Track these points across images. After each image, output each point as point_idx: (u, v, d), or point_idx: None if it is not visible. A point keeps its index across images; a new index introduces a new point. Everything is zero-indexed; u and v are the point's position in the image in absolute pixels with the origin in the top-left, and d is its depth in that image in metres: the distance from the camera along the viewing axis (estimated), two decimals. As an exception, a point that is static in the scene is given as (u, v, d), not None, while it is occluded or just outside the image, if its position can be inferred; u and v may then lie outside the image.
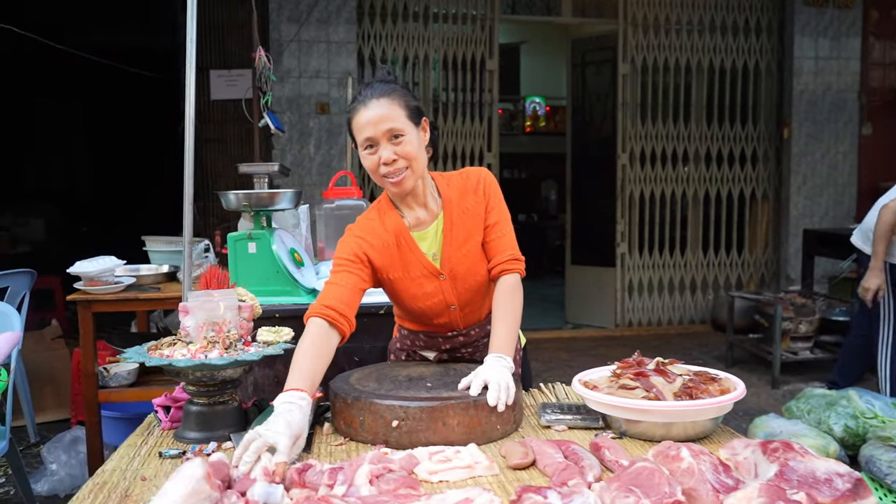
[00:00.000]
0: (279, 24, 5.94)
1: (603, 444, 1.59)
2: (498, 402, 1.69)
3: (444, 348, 2.08)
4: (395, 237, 1.91)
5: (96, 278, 2.95)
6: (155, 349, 1.79)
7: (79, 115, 9.54)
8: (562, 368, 5.55)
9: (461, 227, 1.93)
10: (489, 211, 1.95)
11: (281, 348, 1.79)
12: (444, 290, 1.95)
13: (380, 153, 1.79)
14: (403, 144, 1.79)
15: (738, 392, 1.71)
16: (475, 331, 2.07)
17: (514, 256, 1.95)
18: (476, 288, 1.98)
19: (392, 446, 1.67)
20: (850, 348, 4.51)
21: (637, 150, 6.85)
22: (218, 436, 1.73)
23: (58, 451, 3.23)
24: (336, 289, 1.82)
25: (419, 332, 2.08)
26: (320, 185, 5.94)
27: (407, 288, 1.95)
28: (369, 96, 1.79)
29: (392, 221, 1.92)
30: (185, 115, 1.98)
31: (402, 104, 1.80)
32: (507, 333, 1.88)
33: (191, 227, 2.03)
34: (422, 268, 1.93)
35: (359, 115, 1.79)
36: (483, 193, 1.95)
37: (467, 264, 1.94)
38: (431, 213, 1.94)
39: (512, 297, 1.92)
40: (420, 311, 1.99)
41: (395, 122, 1.78)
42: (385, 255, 1.91)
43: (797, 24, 6.79)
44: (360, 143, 1.82)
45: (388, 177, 1.81)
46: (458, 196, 1.95)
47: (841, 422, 3.56)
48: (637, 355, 1.92)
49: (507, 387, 1.72)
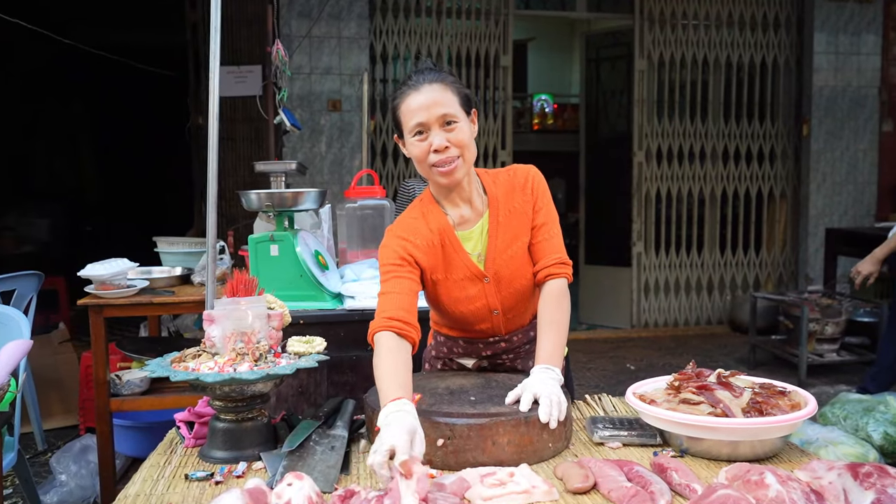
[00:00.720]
0: (290, 19, 5.81)
1: (668, 465, 1.46)
2: (550, 418, 1.57)
3: (485, 355, 1.95)
4: (439, 236, 1.80)
5: (108, 282, 2.83)
6: (179, 361, 1.66)
7: (87, 113, 9.41)
8: (580, 371, 5.42)
9: (507, 227, 1.82)
10: (537, 210, 1.83)
11: (314, 360, 1.67)
12: (487, 293, 1.83)
13: (431, 139, 1.69)
14: (456, 132, 1.69)
15: (810, 408, 1.58)
16: (518, 337, 1.94)
17: (562, 260, 1.84)
18: (521, 292, 1.86)
19: (437, 467, 1.55)
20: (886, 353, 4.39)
21: (653, 148, 6.72)
22: (247, 455, 1.61)
23: (67, 460, 3.11)
24: (393, 297, 1.71)
25: (458, 338, 1.95)
26: (332, 184, 5.82)
27: (449, 291, 1.83)
28: (421, 81, 1.70)
29: (436, 219, 1.81)
30: (208, 111, 1.86)
31: (454, 91, 1.71)
32: (556, 343, 1.76)
33: (215, 228, 1.90)
34: (465, 269, 1.81)
35: (409, 98, 1.70)
36: (531, 192, 1.83)
37: (513, 267, 1.82)
38: (476, 211, 1.82)
39: (559, 304, 1.81)
40: (461, 316, 1.86)
41: (449, 107, 1.69)
42: (430, 255, 1.79)
43: (816, 19, 6.65)
44: (408, 129, 1.71)
45: (438, 166, 1.70)
46: (504, 194, 1.83)
47: (880, 428, 3.43)
48: (693, 366, 1.79)
49: (558, 402, 1.60)
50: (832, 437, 3.39)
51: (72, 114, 9.21)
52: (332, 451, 1.59)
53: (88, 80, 8.27)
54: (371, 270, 2.55)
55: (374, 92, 6.19)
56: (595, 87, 7.15)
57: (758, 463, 1.55)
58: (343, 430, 1.68)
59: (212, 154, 1.83)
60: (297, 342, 1.73)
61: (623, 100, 6.85)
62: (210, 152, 1.83)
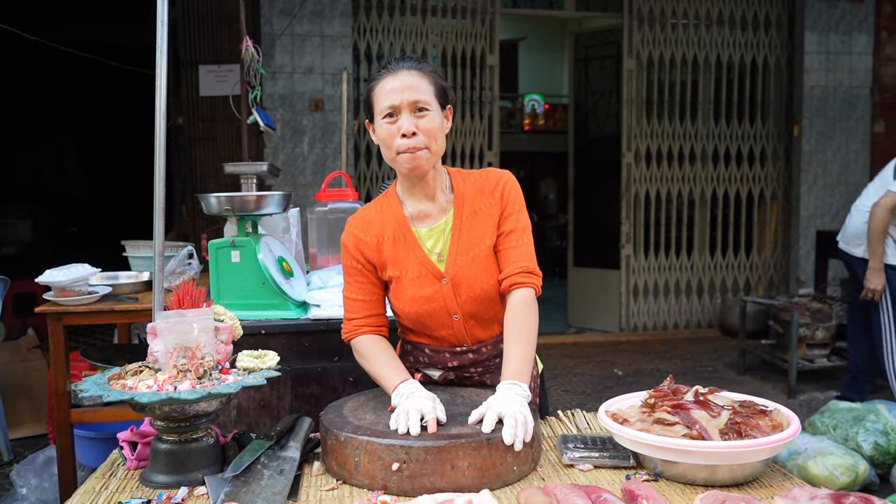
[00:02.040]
0: (271, 17, 5.69)
1: (638, 492, 1.35)
2: (515, 439, 1.46)
3: (452, 365, 1.84)
4: (392, 231, 1.76)
5: (68, 288, 2.71)
6: (117, 378, 1.55)
7: (67, 113, 9.27)
8: (566, 376, 5.32)
9: (471, 227, 1.74)
10: (506, 217, 1.75)
11: (263, 377, 1.55)
12: (445, 295, 1.74)
13: (400, 123, 1.65)
14: (427, 120, 1.65)
15: (792, 429, 1.48)
16: (486, 348, 1.82)
17: (528, 269, 1.74)
18: (482, 298, 1.75)
19: (392, 492, 1.44)
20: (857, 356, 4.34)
21: (642, 149, 6.62)
22: (190, 479, 1.50)
23: (28, 474, 2.99)
24: (357, 304, 1.80)
25: (424, 345, 1.85)
26: (314, 186, 5.70)
27: (405, 289, 1.75)
28: (400, 66, 1.68)
29: (392, 213, 1.77)
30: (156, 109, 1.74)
31: (431, 80, 1.69)
32: (522, 357, 1.66)
33: (161, 235, 1.79)
34: (421, 266, 1.74)
35: (384, 82, 1.67)
36: (500, 196, 1.76)
37: (475, 270, 1.73)
38: (439, 207, 1.76)
39: (525, 316, 1.71)
40: (418, 317, 1.77)
41: (423, 94, 1.66)
42: (379, 251, 1.76)
43: (807, 19, 6.57)
44: (379, 111, 1.68)
45: (403, 151, 1.65)
46: (472, 194, 1.77)
47: (870, 438, 3.34)
48: (670, 382, 1.68)
49: (524, 422, 1.50)
50: (821, 447, 3.30)
51: (52, 114, 9.08)
52: (280, 476, 1.48)
53: (67, 79, 8.14)
54: (339, 277, 2.43)
55: (358, 92, 6.08)
56: (584, 88, 7.05)
57: (736, 488, 1.45)
58: (295, 451, 1.57)
59: (159, 156, 1.72)
60: (248, 357, 1.62)
61: (612, 100, 6.76)
62: (157, 154, 1.72)
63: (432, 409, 1.51)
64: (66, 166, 9.78)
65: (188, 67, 5.83)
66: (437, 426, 1.50)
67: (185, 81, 5.83)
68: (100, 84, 7.78)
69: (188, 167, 5.94)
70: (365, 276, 1.78)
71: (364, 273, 1.78)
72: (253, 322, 2.20)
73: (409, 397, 1.56)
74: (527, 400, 1.58)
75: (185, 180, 5.97)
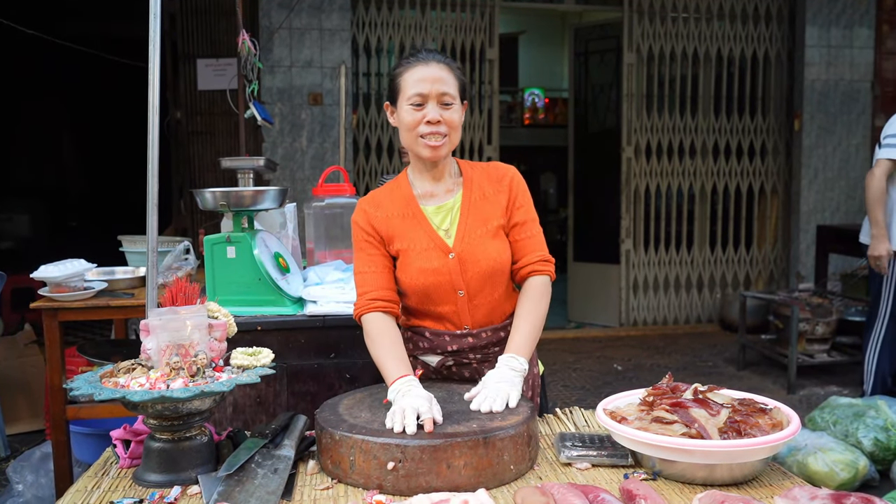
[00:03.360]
0: (269, 10, 5.66)
1: (636, 492, 1.34)
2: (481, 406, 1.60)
3: (451, 349, 1.85)
4: (400, 207, 1.83)
5: (63, 284, 2.69)
6: (109, 376, 1.53)
7: (63, 108, 9.24)
8: (566, 371, 5.31)
9: (479, 208, 1.83)
10: (517, 208, 1.84)
11: (257, 374, 1.54)
12: (451, 270, 1.79)
13: (426, 111, 1.74)
14: (451, 112, 1.76)
15: (792, 427, 1.46)
16: (486, 334, 1.85)
17: (544, 258, 1.85)
18: (487, 275, 1.80)
19: (387, 492, 1.43)
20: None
21: (643, 143, 6.59)
22: (183, 478, 1.49)
23: (24, 470, 2.97)
24: (370, 276, 1.82)
25: (424, 329, 1.87)
26: (313, 180, 5.67)
27: (413, 261, 1.80)
28: (430, 57, 1.77)
29: (401, 192, 1.86)
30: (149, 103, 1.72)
31: (456, 76, 1.79)
32: (528, 335, 1.76)
33: (155, 230, 1.77)
34: (429, 240, 1.80)
35: (415, 69, 1.75)
36: (508, 187, 1.85)
37: (482, 247, 1.80)
38: (447, 188, 1.85)
39: (539, 299, 1.82)
40: (424, 289, 1.81)
41: (449, 87, 1.76)
42: (388, 224, 1.82)
43: (808, 12, 6.52)
44: (406, 96, 1.75)
45: (426, 137, 1.75)
46: (479, 178, 1.86)
47: (870, 434, 3.32)
48: (669, 379, 1.67)
49: (502, 398, 1.61)
50: (821, 443, 3.29)
51: (50, 108, 9.04)
52: (274, 475, 1.47)
53: (66, 73, 8.10)
54: (336, 273, 2.42)
55: (357, 86, 6.05)
56: (584, 82, 7.01)
57: (735, 488, 1.43)
58: (289, 450, 1.56)
59: (152, 152, 1.70)
60: (242, 354, 1.60)
61: (612, 94, 6.72)
62: (150, 150, 1.70)
63: (429, 409, 1.51)
64: (65, 161, 9.75)
65: (186, 61, 5.79)
66: (433, 426, 1.49)
67: (182, 75, 5.80)
68: (98, 78, 7.74)
69: (186, 161, 5.92)
70: (375, 247, 1.83)
71: (374, 245, 1.83)
72: (249, 318, 2.19)
73: (405, 395, 1.56)
74: (522, 374, 1.70)
75: (183, 175, 5.94)
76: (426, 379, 1.87)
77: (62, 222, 9.08)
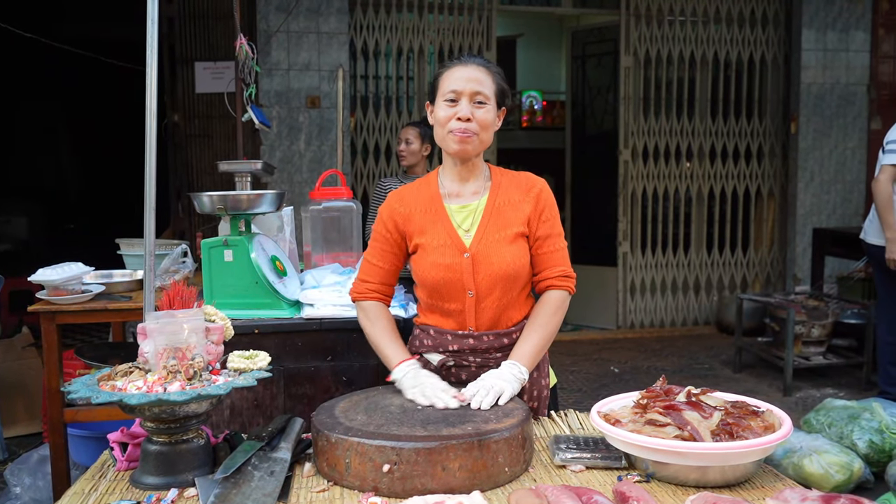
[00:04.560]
0: (267, 14, 5.67)
1: (629, 494, 1.35)
2: (472, 399, 1.64)
3: (452, 349, 1.88)
4: (424, 203, 1.88)
5: (61, 287, 2.70)
6: (107, 379, 1.54)
7: (62, 110, 9.24)
8: (563, 374, 5.32)
9: (502, 213, 1.86)
10: (543, 221, 1.87)
11: (254, 377, 1.55)
12: (463, 269, 1.82)
13: (459, 107, 1.79)
14: (483, 112, 1.80)
15: (784, 430, 1.47)
16: (489, 338, 1.86)
17: (565, 273, 1.88)
18: (499, 278, 1.82)
19: (383, 494, 1.44)
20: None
21: (640, 146, 6.61)
22: (180, 481, 1.50)
23: (21, 473, 2.98)
24: (374, 269, 1.92)
25: (430, 327, 1.91)
26: (311, 183, 5.69)
27: (428, 254, 1.85)
28: (470, 60, 1.83)
29: (427, 190, 1.91)
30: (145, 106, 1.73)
31: (495, 80, 1.83)
32: (536, 345, 1.81)
33: (152, 234, 1.78)
34: (446, 237, 1.84)
35: (454, 69, 1.82)
36: (535, 198, 1.88)
37: (497, 250, 1.82)
38: (474, 190, 1.89)
39: (553, 314, 1.85)
40: (434, 283, 1.85)
41: (485, 88, 1.80)
42: (410, 220, 1.88)
43: (805, 16, 6.55)
44: (442, 93, 1.81)
45: (455, 132, 1.79)
46: (507, 185, 1.89)
47: (865, 436, 3.34)
48: (663, 382, 1.68)
49: (496, 392, 1.66)
50: (816, 445, 3.30)
51: (48, 111, 9.05)
52: (270, 477, 1.48)
53: (64, 76, 8.11)
54: (333, 276, 2.43)
55: (356, 88, 6.06)
56: (581, 85, 7.04)
57: (728, 490, 1.44)
58: (286, 452, 1.56)
59: (149, 155, 1.71)
60: (239, 357, 1.61)
61: (609, 97, 6.74)
62: (147, 153, 1.71)
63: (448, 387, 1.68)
64: (64, 163, 9.75)
65: (184, 64, 5.80)
66: (428, 426, 1.51)
67: (181, 78, 5.81)
68: (97, 80, 7.75)
69: (184, 164, 5.92)
70: (389, 245, 1.89)
71: (389, 242, 1.89)
72: (246, 322, 2.20)
73: (416, 376, 1.73)
74: (519, 381, 1.73)
75: (181, 178, 5.95)
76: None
77: (60, 225, 9.08)
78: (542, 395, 1.90)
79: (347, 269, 2.55)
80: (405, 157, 4.07)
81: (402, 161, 4.13)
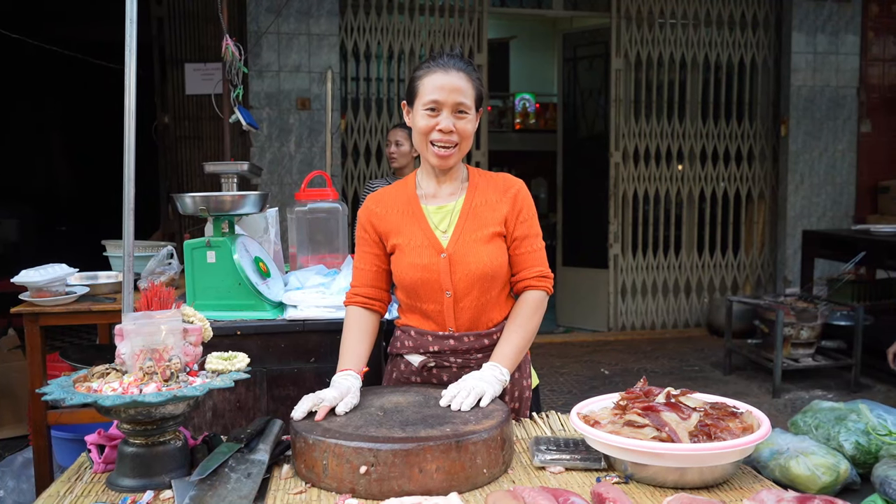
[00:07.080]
0: (257, 15, 5.67)
1: (606, 495, 1.35)
2: (451, 401, 1.63)
3: (432, 350, 1.87)
4: (402, 204, 1.87)
5: (45, 288, 2.69)
6: (83, 381, 1.53)
7: (52, 112, 9.21)
8: (553, 376, 5.32)
9: (479, 213, 1.85)
10: (520, 221, 1.85)
11: (231, 379, 1.54)
12: (440, 270, 1.81)
13: (440, 119, 1.77)
14: (464, 122, 1.78)
15: (762, 431, 1.47)
16: (469, 338, 1.85)
17: (542, 273, 1.86)
18: (476, 278, 1.80)
19: (360, 496, 1.43)
20: None
21: (630, 148, 6.62)
22: (156, 483, 1.48)
23: (5, 476, 2.96)
24: (358, 272, 1.91)
25: (411, 328, 1.90)
26: (301, 185, 5.67)
27: (406, 255, 1.84)
28: (451, 64, 1.78)
29: (405, 191, 1.90)
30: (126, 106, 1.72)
31: (474, 86, 1.80)
32: (515, 346, 1.79)
33: (131, 235, 1.77)
34: (424, 238, 1.83)
35: (434, 75, 1.77)
36: (513, 198, 1.86)
37: (474, 251, 1.81)
38: (451, 192, 1.88)
39: (532, 314, 1.84)
40: (412, 284, 1.84)
41: (466, 98, 1.78)
42: (386, 220, 1.87)
43: (795, 19, 6.58)
44: (422, 101, 1.78)
45: (436, 144, 1.78)
46: (484, 185, 1.88)
47: (852, 438, 3.34)
48: (643, 384, 1.68)
49: (476, 395, 1.63)
50: (803, 447, 3.30)
51: (39, 112, 9.01)
52: (247, 479, 1.47)
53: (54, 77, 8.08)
54: (317, 277, 2.43)
55: (346, 90, 6.06)
56: (573, 87, 7.04)
57: (706, 491, 1.44)
58: (264, 454, 1.55)
59: (128, 157, 1.70)
60: (217, 359, 1.60)
61: (601, 100, 6.75)
62: (126, 153, 1.70)
63: (332, 399, 1.60)
64: (54, 165, 9.71)
65: (174, 65, 5.79)
66: (407, 427, 1.50)
67: (171, 79, 5.80)
68: (86, 81, 7.73)
69: (174, 166, 5.91)
70: (370, 246, 1.89)
71: (369, 244, 1.89)
72: (228, 323, 2.19)
73: (331, 386, 1.69)
74: (501, 384, 1.71)
75: (171, 179, 5.94)
76: (406, 381, 1.91)
77: (52, 227, 9.04)
78: (523, 396, 1.90)
79: (332, 271, 2.54)
80: (395, 158, 4.06)
81: (392, 163, 4.12)
